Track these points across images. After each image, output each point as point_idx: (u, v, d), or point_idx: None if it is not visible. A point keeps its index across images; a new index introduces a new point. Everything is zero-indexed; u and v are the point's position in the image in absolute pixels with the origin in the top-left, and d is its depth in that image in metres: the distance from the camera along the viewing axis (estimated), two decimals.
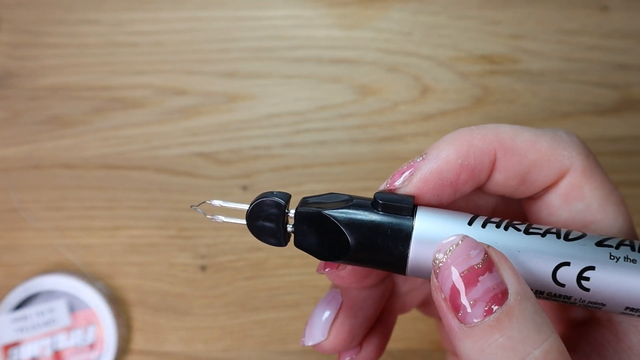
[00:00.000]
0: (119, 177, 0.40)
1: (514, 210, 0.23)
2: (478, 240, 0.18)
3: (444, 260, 0.17)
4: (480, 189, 0.21)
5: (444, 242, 0.18)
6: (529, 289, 0.17)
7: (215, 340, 0.39)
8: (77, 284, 0.38)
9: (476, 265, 0.17)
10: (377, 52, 0.40)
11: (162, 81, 0.40)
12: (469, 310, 0.17)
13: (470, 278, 0.17)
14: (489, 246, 0.18)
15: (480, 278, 0.17)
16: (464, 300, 0.17)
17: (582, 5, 0.40)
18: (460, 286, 0.17)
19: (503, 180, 0.20)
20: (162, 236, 0.39)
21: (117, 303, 0.39)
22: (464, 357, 0.17)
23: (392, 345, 0.39)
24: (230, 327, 0.39)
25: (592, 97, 0.39)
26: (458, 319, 0.17)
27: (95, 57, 0.40)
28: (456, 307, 0.17)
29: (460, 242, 0.17)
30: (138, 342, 0.39)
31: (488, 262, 0.17)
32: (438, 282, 0.18)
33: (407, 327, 0.39)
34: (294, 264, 0.39)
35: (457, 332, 0.17)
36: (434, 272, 0.18)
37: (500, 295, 0.17)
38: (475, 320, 0.17)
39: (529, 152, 0.20)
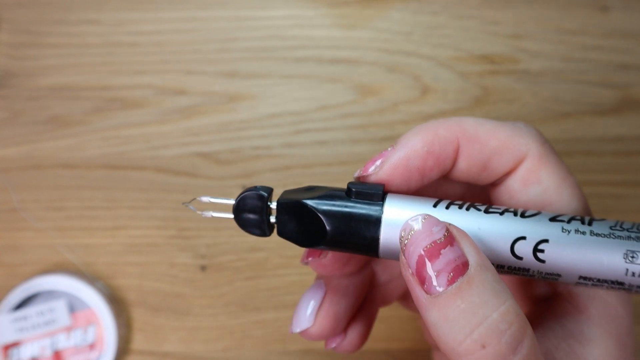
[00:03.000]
0: (119, 177, 0.40)
1: (479, 198, 0.24)
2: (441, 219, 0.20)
3: (409, 237, 0.19)
4: (446, 177, 0.23)
5: (408, 221, 0.19)
6: (488, 261, 0.19)
7: (215, 340, 0.39)
8: (77, 284, 0.38)
9: (438, 239, 0.19)
10: (377, 52, 0.40)
11: (162, 81, 0.40)
12: (433, 281, 0.18)
13: (433, 251, 0.18)
14: (450, 224, 0.19)
15: (442, 251, 0.18)
16: (428, 272, 0.18)
17: (582, 5, 0.40)
18: (424, 259, 0.19)
19: (466, 167, 0.22)
20: (162, 236, 0.39)
21: (117, 303, 0.39)
22: (431, 326, 0.18)
23: (392, 345, 0.39)
24: (230, 327, 0.39)
25: (592, 97, 0.39)
26: (424, 290, 0.18)
27: (95, 57, 0.40)
28: (422, 279, 0.19)
29: (423, 220, 0.19)
30: (138, 342, 0.39)
31: (449, 237, 0.19)
32: (405, 258, 0.19)
33: (407, 327, 0.39)
34: (294, 264, 0.39)
35: (424, 303, 0.19)
36: (401, 249, 0.19)
37: (461, 266, 0.18)
38: (439, 289, 0.18)
39: (489, 141, 0.22)
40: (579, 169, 0.39)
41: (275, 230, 0.22)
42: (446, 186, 0.25)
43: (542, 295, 0.23)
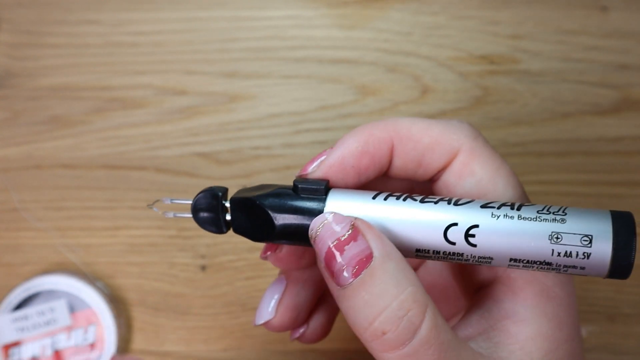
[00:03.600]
0: (119, 177, 0.40)
1: (424, 194, 0.26)
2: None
3: (317, 234, 0.21)
4: (386, 175, 0.24)
5: (316, 219, 0.21)
6: (394, 251, 0.20)
7: (215, 340, 0.39)
8: (78, 283, 0.38)
9: (342, 236, 0.20)
10: (377, 52, 0.40)
11: (162, 81, 0.40)
12: (341, 274, 0.20)
13: (339, 247, 0.20)
14: (356, 218, 0.21)
15: (346, 247, 0.20)
16: (336, 266, 0.20)
17: (581, 5, 0.40)
18: (332, 255, 0.20)
19: (402, 164, 0.23)
20: (162, 236, 0.39)
21: (118, 303, 0.39)
22: (344, 314, 0.20)
23: None
24: (230, 327, 0.39)
25: (592, 97, 0.39)
26: (335, 282, 0.20)
27: (95, 57, 0.40)
28: (331, 272, 0.20)
29: (328, 218, 0.21)
30: (138, 342, 0.39)
31: (354, 232, 0.20)
32: (317, 253, 0.21)
33: None
34: None
35: (336, 295, 0.20)
36: (312, 245, 0.21)
37: (365, 259, 0.20)
38: (347, 282, 0.20)
39: (422, 138, 0.23)
40: (579, 169, 0.39)
41: (232, 228, 0.23)
42: (391, 183, 0.26)
43: (484, 281, 0.24)
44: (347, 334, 0.38)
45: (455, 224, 0.20)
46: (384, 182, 0.25)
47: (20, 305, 0.38)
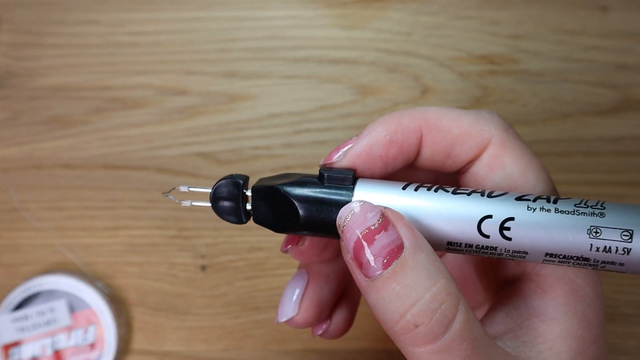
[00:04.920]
0: (119, 177, 0.40)
1: (450, 185, 0.25)
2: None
3: (346, 224, 0.20)
4: (413, 165, 0.23)
5: (344, 208, 0.20)
6: (425, 242, 0.19)
7: (215, 340, 0.39)
8: (78, 283, 0.38)
9: (372, 225, 0.19)
10: (377, 52, 0.40)
11: (162, 81, 0.40)
12: (370, 265, 0.19)
13: (369, 237, 0.19)
14: (385, 207, 0.20)
15: (377, 236, 0.19)
16: (365, 256, 0.19)
17: (581, 5, 0.40)
18: (361, 244, 0.19)
19: (430, 155, 0.22)
20: (162, 236, 0.39)
21: (118, 303, 0.39)
22: (372, 307, 0.19)
23: (392, 344, 0.39)
24: (230, 327, 0.39)
25: (592, 97, 0.39)
26: (363, 274, 0.19)
27: (95, 57, 0.40)
28: (359, 263, 0.19)
29: (358, 207, 0.20)
30: (138, 341, 0.39)
31: (384, 222, 0.19)
32: (344, 243, 0.20)
33: None
34: (294, 263, 0.39)
35: (364, 287, 0.19)
36: (340, 235, 0.20)
37: (396, 250, 0.19)
38: (376, 273, 0.19)
39: (452, 129, 0.22)
40: (579, 169, 0.39)
41: (252, 218, 0.22)
42: (417, 174, 0.25)
43: (511, 277, 0.23)
44: (348, 333, 0.38)
45: (490, 217, 0.20)
46: (408, 172, 0.24)
47: (20, 305, 0.38)
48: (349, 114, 0.40)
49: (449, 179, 0.25)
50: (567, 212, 0.19)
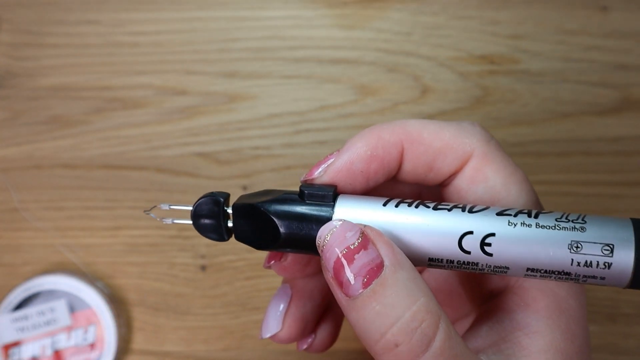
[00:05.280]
0: (119, 177, 0.40)
1: (433, 199, 0.25)
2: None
3: (325, 243, 0.20)
4: (395, 178, 0.23)
5: (324, 227, 0.20)
6: (405, 260, 0.19)
7: (215, 340, 0.39)
8: (78, 283, 0.38)
9: (352, 244, 0.19)
10: (377, 52, 0.40)
11: (162, 81, 0.40)
12: (350, 284, 0.19)
13: (348, 256, 0.19)
14: (365, 226, 0.20)
15: (356, 256, 0.19)
16: (345, 276, 0.19)
17: (581, 5, 0.40)
18: (341, 264, 0.19)
19: (412, 168, 0.22)
20: (162, 236, 0.39)
21: (118, 303, 0.39)
22: (353, 325, 0.19)
23: None
24: (230, 327, 0.39)
25: (592, 97, 0.39)
26: (344, 293, 0.19)
27: (95, 57, 0.40)
28: (340, 283, 0.19)
29: (337, 226, 0.20)
30: (138, 341, 0.39)
31: (364, 240, 0.19)
32: (324, 262, 0.20)
33: None
34: None
35: (345, 306, 0.19)
36: (320, 254, 0.20)
37: (376, 268, 0.19)
38: (357, 293, 0.19)
39: (433, 142, 0.22)
40: (579, 169, 0.39)
41: (233, 236, 0.22)
42: (399, 188, 0.25)
43: (495, 290, 0.23)
44: (348, 333, 0.38)
45: (471, 233, 0.20)
46: (391, 185, 0.24)
47: (20, 305, 0.38)
48: (349, 114, 0.40)
49: (432, 191, 0.25)
50: (548, 227, 0.19)
